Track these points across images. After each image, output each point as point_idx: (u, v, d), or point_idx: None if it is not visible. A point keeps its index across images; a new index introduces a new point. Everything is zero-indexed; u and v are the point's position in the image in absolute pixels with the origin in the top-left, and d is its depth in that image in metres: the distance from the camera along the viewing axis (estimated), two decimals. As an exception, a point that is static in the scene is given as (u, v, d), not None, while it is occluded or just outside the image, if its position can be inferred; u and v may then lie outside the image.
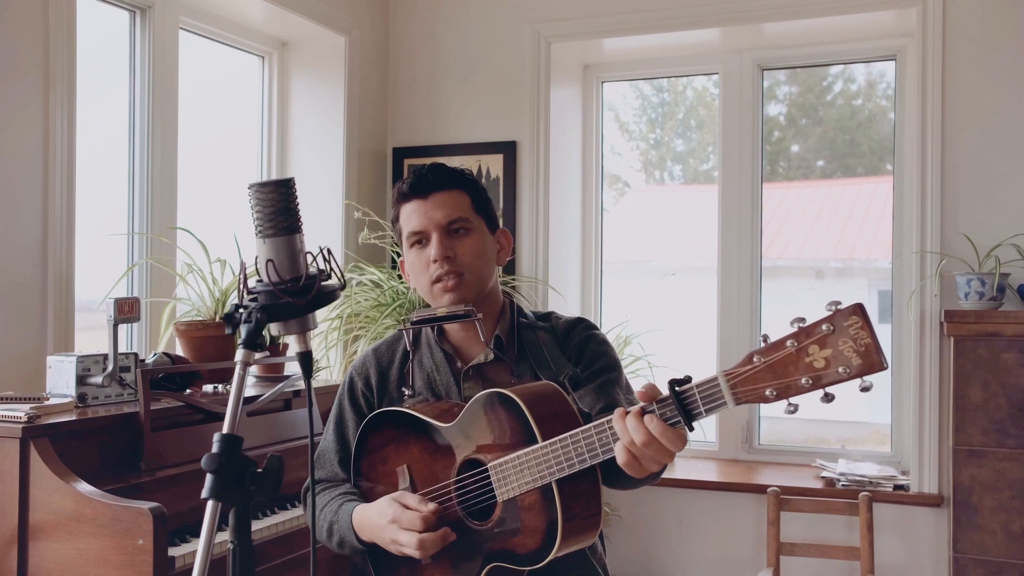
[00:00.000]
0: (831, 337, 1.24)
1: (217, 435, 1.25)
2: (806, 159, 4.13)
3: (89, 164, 2.99)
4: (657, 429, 1.39)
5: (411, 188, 1.80)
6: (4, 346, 2.50)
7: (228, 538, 1.29)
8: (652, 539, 3.70)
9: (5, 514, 2.05)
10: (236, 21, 3.62)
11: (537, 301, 3.81)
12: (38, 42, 2.60)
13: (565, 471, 1.51)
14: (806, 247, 4.33)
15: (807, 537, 3.36)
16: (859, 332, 1.22)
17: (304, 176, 3.87)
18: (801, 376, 1.26)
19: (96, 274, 2.97)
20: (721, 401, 1.33)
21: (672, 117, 4.38)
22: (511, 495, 1.58)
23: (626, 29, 3.78)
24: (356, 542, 1.73)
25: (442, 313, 1.75)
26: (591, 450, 1.49)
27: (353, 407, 1.88)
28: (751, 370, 1.29)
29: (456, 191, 1.80)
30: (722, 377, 1.33)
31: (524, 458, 1.55)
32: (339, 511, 1.77)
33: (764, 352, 1.29)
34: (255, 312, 1.32)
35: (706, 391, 1.35)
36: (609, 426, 1.46)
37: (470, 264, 1.77)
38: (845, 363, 1.23)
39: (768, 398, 1.29)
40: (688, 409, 1.37)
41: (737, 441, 3.86)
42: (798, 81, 4.07)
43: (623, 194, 4.48)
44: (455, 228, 1.78)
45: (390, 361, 1.89)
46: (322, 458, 1.90)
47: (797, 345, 1.26)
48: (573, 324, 1.89)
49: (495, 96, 3.93)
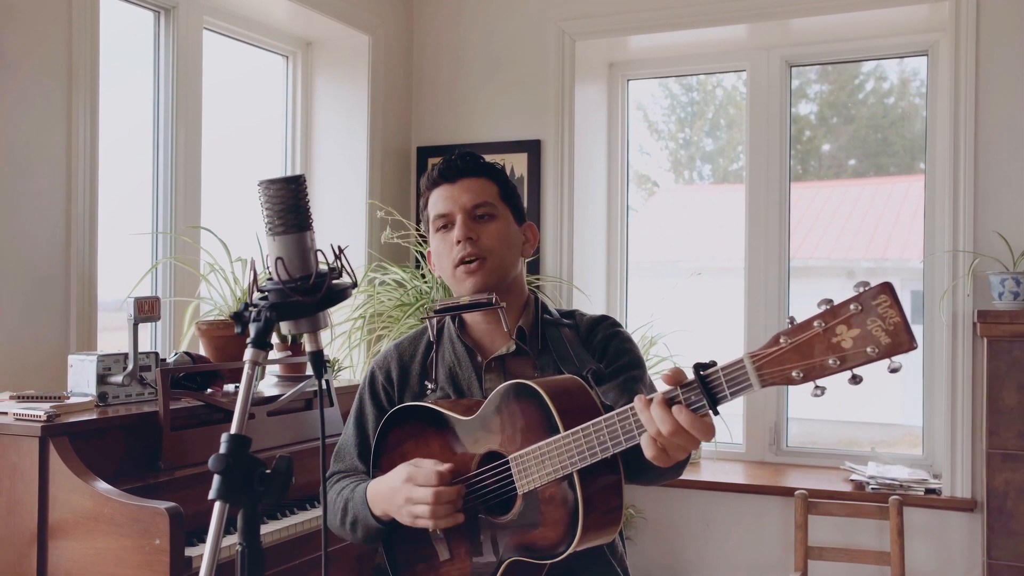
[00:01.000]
0: (859, 316, 1.21)
1: (224, 435, 1.23)
2: (837, 158, 4.07)
3: (114, 164, 3.01)
4: (686, 420, 1.35)
5: (440, 173, 1.82)
6: (27, 345, 2.51)
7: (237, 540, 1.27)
8: (677, 541, 3.65)
9: (25, 512, 2.06)
10: (260, 21, 3.62)
11: (561, 301, 3.78)
12: (62, 42, 2.61)
13: (587, 460, 1.48)
14: (837, 247, 4.27)
15: (836, 541, 3.30)
16: (888, 311, 1.19)
17: (328, 175, 3.87)
18: (828, 356, 1.23)
19: (122, 274, 2.98)
20: (747, 383, 1.30)
21: (702, 116, 4.34)
22: (531, 487, 1.56)
23: (652, 26, 3.73)
24: (370, 517, 1.71)
25: (465, 301, 1.74)
26: (614, 438, 1.46)
27: (373, 401, 1.88)
28: (777, 351, 1.26)
29: (484, 179, 1.81)
30: (747, 359, 1.30)
31: (545, 448, 1.53)
32: (355, 490, 1.77)
33: (790, 333, 1.26)
34: (264, 311, 1.30)
35: (731, 373, 1.32)
36: (632, 413, 1.44)
37: (493, 248, 1.77)
38: (873, 342, 1.20)
39: (795, 379, 1.25)
40: (713, 393, 1.34)
41: (764, 443, 3.80)
42: (829, 79, 4.01)
43: (652, 194, 4.44)
44: (480, 213, 1.79)
45: (412, 356, 1.88)
46: (341, 452, 1.90)
47: (824, 325, 1.23)
48: (597, 321, 1.87)
49: (520, 94, 3.90)
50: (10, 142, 2.48)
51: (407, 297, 3.38)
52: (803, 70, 3.94)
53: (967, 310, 3.25)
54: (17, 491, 2.06)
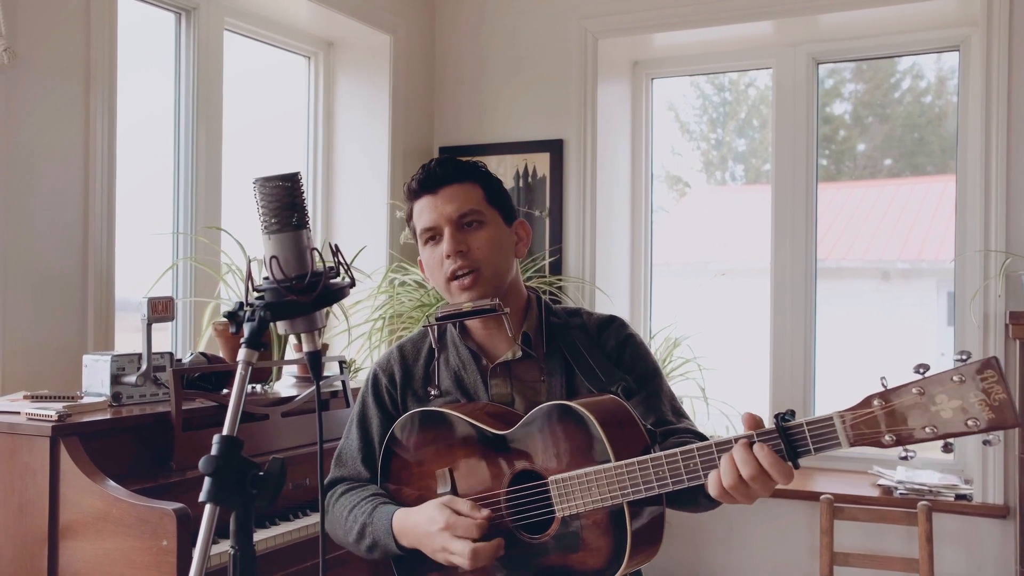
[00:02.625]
0: (960, 388, 1.22)
1: (216, 437, 1.22)
2: (872, 158, 4.00)
3: (136, 164, 3.02)
4: (767, 460, 1.33)
5: (420, 184, 1.74)
6: (45, 344, 2.52)
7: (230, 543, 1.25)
8: (701, 546, 3.60)
9: (36, 512, 2.06)
10: (282, 22, 3.62)
11: (583, 302, 3.74)
12: (80, 42, 2.63)
13: (642, 493, 1.45)
14: (871, 248, 4.20)
15: (863, 547, 3.23)
16: (994, 386, 1.21)
17: (349, 176, 3.86)
18: (925, 425, 1.24)
19: (144, 274, 2.99)
20: (835, 441, 1.30)
21: (734, 116, 4.28)
22: (574, 512, 1.52)
23: (676, 23, 3.69)
24: (395, 547, 1.66)
25: (468, 308, 1.68)
26: (675, 476, 1.43)
27: (377, 404, 1.82)
28: (869, 414, 1.27)
29: (467, 184, 1.73)
30: (838, 418, 1.30)
31: (594, 476, 1.49)
32: (374, 513, 1.70)
33: (884, 396, 1.27)
34: (259, 310, 1.28)
35: (818, 429, 1.31)
36: (699, 452, 1.40)
37: (485, 258, 1.70)
38: (975, 416, 1.21)
39: (885, 444, 1.27)
40: (795, 446, 1.32)
41: (791, 446, 3.73)
42: (864, 78, 3.94)
43: (684, 195, 4.39)
44: (467, 221, 1.71)
45: (415, 358, 1.82)
46: (343, 456, 1.84)
47: (924, 392, 1.24)
48: (606, 323, 1.81)
49: (542, 94, 3.87)
50: (28, 142, 2.49)
51: (427, 298, 3.36)
52: (837, 69, 3.88)
53: (999, 311, 3.17)
54: (29, 491, 2.07)
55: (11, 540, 2.10)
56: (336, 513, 1.78)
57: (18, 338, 2.46)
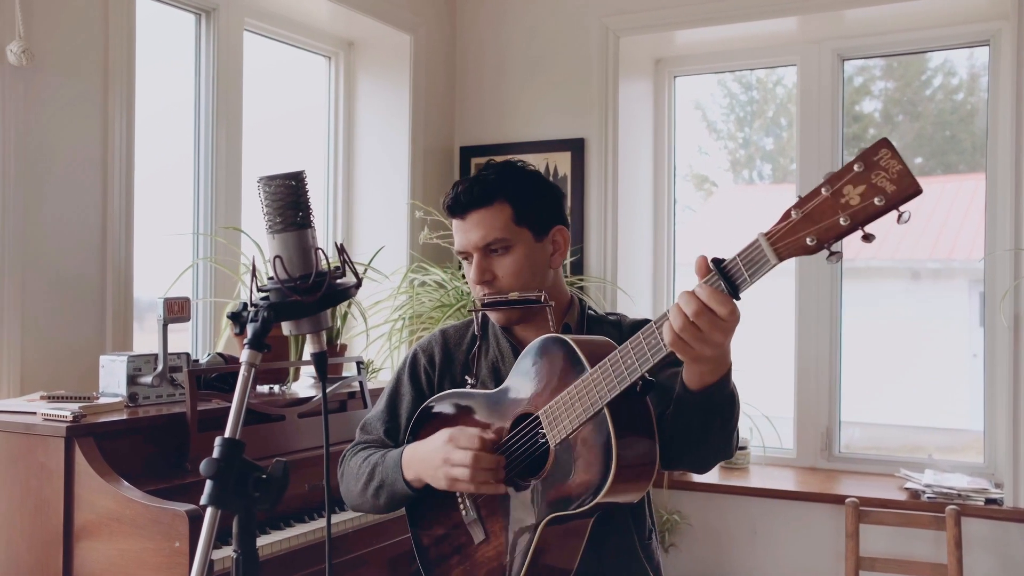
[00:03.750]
0: (863, 174, 1.23)
1: (218, 439, 1.20)
2: (903, 156, 3.93)
3: (156, 165, 3.03)
4: (705, 293, 1.35)
5: (449, 208, 1.77)
6: (63, 345, 2.53)
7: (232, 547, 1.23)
8: (723, 549, 3.55)
9: (52, 512, 2.06)
10: (302, 22, 3.62)
11: (605, 302, 3.70)
12: (98, 43, 2.63)
13: (616, 388, 1.45)
14: (901, 247, 4.14)
15: (889, 552, 3.17)
16: (889, 162, 1.22)
17: (370, 175, 3.85)
18: (838, 216, 1.25)
19: (163, 275, 2.99)
20: (764, 260, 1.31)
21: (761, 115, 4.23)
22: (563, 435, 1.52)
23: (698, 20, 3.64)
24: (400, 481, 1.68)
25: (514, 296, 1.72)
26: (640, 355, 1.43)
27: (412, 382, 1.85)
28: (788, 223, 1.29)
29: (495, 206, 1.73)
30: (762, 237, 1.31)
31: (574, 391, 1.50)
32: (385, 455, 1.74)
33: (799, 204, 1.29)
34: (262, 311, 1.27)
35: (748, 255, 1.33)
36: (656, 326, 1.41)
37: (510, 284, 1.73)
38: (879, 193, 1.22)
39: (810, 247, 1.28)
40: (732, 280, 1.35)
41: (816, 448, 3.68)
42: (895, 76, 3.88)
43: (711, 194, 4.35)
44: (493, 248, 1.73)
45: (457, 344, 1.85)
46: (367, 427, 1.88)
47: (831, 189, 1.25)
48: (641, 323, 1.81)
49: (563, 92, 3.84)
50: (46, 143, 2.50)
51: (447, 298, 3.35)
52: (867, 67, 3.81)
53: (1030, 311, 3.10)
54: (45, 491, 2.07)
55: (28, 540, 2.10)
56: (350, 467, 1.82)
57: (37, 339, 2.47)
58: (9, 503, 2.13)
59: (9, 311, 2.39)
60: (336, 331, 3.06)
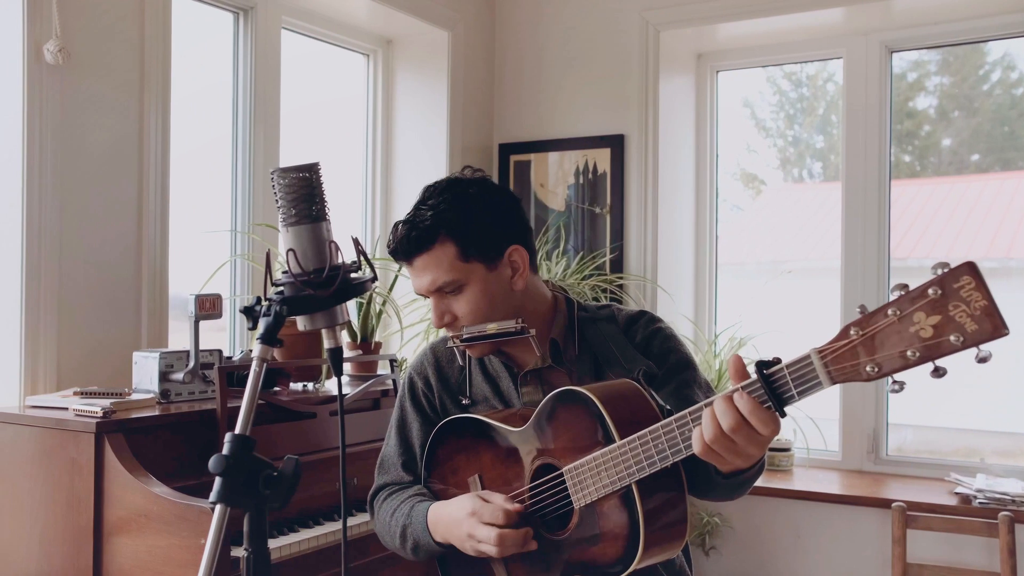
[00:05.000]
0: (939, 301, 1.08)
1: (228, 436, 1.18)
2: (959, 153, 3.82)
3: (194, 163, 3.04)
4: (747, 407, 1.23)
5: (393, 256, 1.67)
6: (99, 341, 2.55)
7: (244, 545, 1.21)
8: (765, 553, 3.47)
9: (83, 507, 2.07)
10: (340, 20, 3.62)
11: (644, 301, 3.64)
12: (134, 41, 2.65)
13: (646, 470, 1.38)
14: (956, 245, 4.02)
15: (939, 559, 3.07)
16: (972, 294, 1.06)
17: (409, 172, 3.84)
18: (906, 348, 1.10)
19: (200, 272, 3.00)
20: (815, 381, 1.18)
21: (811, 112, 4.14)
22: (588, 500, 1.46)
23: (741, 13, 3.56)
24: (432, 543, 1.64)
25: (492, 330, 1.62)
26: (672, 445, 1.35)
27: (415, 407, 1.81)
28: (847, 344, 1.15)
29: (436, 247, 1.61)
30: (815, 355, 1.18)
31: (600, 459, 1.43)
32: (412, 512, 1.69)
33: (861, 323, 1.14)
34: (274, 305, 1.24)
35: (798, 371, 1.20)
36: (692, 416, 1.32)
37: (472, 321, 1.63)
38: (957, 330, 1.07)
39: (869, 375, 1.14)
40: (779, 393, 1.22)
41: (862, 451, 3.58)
42: (950, 71, 3.76)
43: (759, 193, 4.27)
44: (445, 290, 1.63)
45: (450, 361, 1.79)
46: (385, 463, 1.84)
47: (900, 313, 1.10)
48: (636, 317, 1.74)
49: (603, 88, 3.79)
50: (82, 141, 2.52)
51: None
52: (922, 62, 3.71)
53: (1087, 311, 2.97)
54: (76, 486, 2.08)
55: (60, 534, 2.12)
56: (382, 519, 1.78)
57: (73, 336, 2.49)
58: (42, 498, 2.14)
59: (46, 308, 2.41)
60: (371, 329, 3.05)
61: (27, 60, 2.37)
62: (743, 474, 1.43)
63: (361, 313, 3.06)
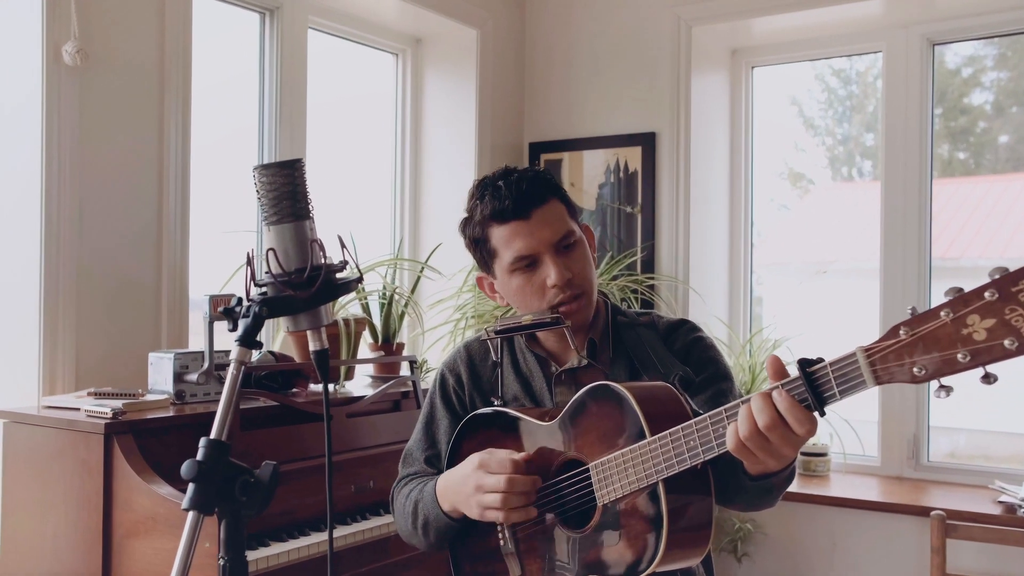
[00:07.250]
0: (995, 305, 1.03)
1: (203, 440, 1.15)
2: (1016, 150, 3.69)
3: (219, 163, 3.04)
4: (784, 404, 1.19)
5: (509, 212, 1.59)
6: (118, 342, 2.55)
7: (220, 553, 1.18)
8: (800, 561, 3.37)
9: (93, 508, 2.07)
10: (368, 19, 3.60)
11: (676, 304, 3.57)
12: (153, 42, 2.65)
13: (675, 467, 1.33)
14: (1011, 245, 3.88)
15: (981, 569, 2.95)
16: None
17: (438, 172, 3.81)
18: (957, 351, 1.06)
19: (221, 273, 3.00)
20: (859, 380, 1.14)
21: (861, 110, 4.02)
22: (612, 498, 1.41)
23: (776, 7, 3.47)
24: (441, 515, 1.61)
25: (527, 321, 1.59)
26: (705, 442, 1.30)
27: (445, 405, 1.77)
28: (895, 344, 1.10)
29: (553, 201, 1.61)
30: (861, 353, 1.13)
31: (629, 456, 1.38)
32: (423, 488, 1.67)
33: (912, 323, 1.09)
34: (254, 306, 1.21)
35: (841, 368, 1.15)
36: (728, 413, 1.28)
37: (589, 278, 1.62)
38: (1013, 334, 1.02)
39: (917, 377, 1.09)
40: (820, 392, 1.17)
41: (902, 456, 3.46)
42: (1007, 65, 3.63)
43: (807, 192, 4.17)
44: (564, 244, 1.60)
45: (483, 359, 1.75)
46: (409, 457, 1.81)
47: (953, 314, 1.06)
48: (676, 326, 1.70)
49: (634, 86, 3.72)
50: (102, 143, 2.52)
51: (511, 297, 3.27)
52: (978, 57, 3.58)
53: None
54: (86, 487, 2.08)
55: (71, 535, 2.11)
56: (399, 503, 1.75)
57: (93, 337, 2.49)
58: (55, 499, 2.14)
59: (65, 309, 2.42)
60: (393, 330, 3.02)
61: (46, 61, 2.38)
62: (772, 477, 1.38)
63: (383, 313, 3.03)
